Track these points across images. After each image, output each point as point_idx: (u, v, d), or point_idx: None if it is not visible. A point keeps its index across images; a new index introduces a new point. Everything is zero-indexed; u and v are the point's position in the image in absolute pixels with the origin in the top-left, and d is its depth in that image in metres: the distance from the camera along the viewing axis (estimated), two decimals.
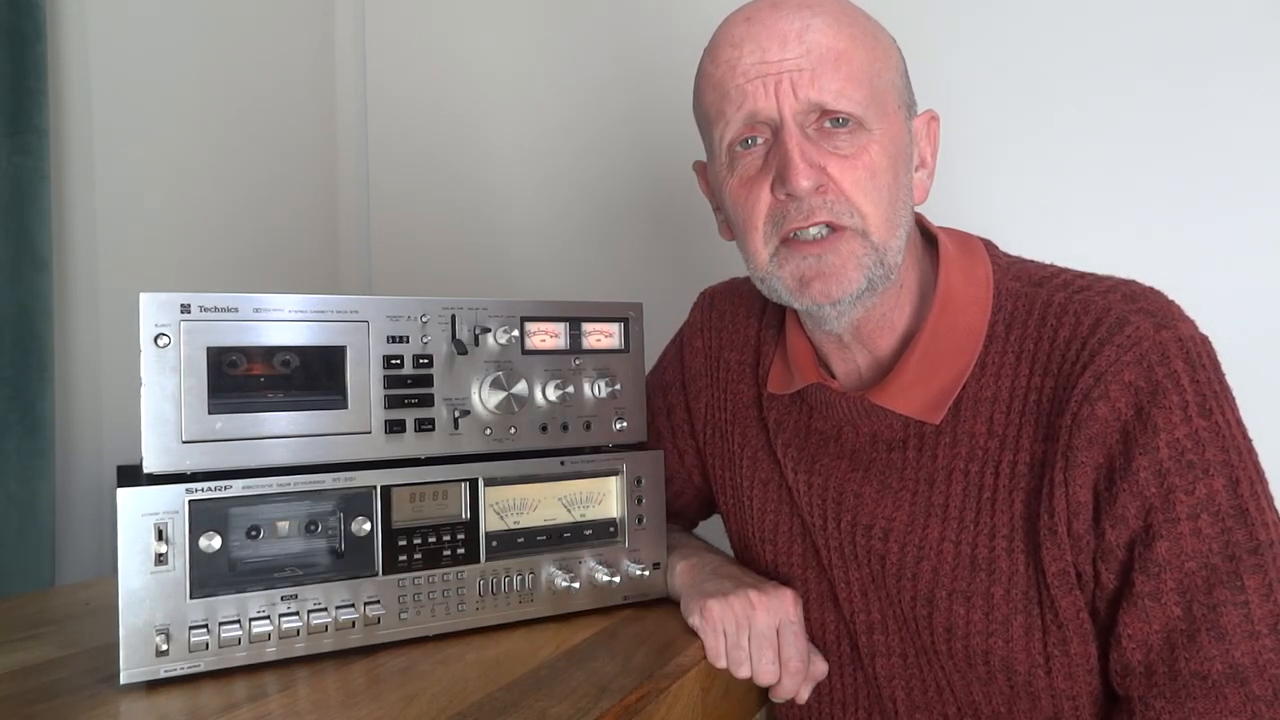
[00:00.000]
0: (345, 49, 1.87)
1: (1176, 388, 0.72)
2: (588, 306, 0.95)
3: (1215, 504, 0.70)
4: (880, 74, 0.80)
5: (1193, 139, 1.19)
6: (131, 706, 0.71)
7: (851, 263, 0.79)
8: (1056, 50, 1.27)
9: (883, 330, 0.86)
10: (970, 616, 0.80)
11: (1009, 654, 0.78)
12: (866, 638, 0.88)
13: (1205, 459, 0.71)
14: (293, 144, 1.76)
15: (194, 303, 0.77)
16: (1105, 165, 1.24)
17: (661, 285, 1.58)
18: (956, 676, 0.83)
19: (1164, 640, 0.71)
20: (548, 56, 1.72)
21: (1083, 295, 0.79)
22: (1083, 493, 0.74)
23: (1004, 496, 0.79)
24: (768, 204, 0.80)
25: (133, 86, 1.43)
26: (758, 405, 0.98)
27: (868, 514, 0.86)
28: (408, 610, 0.84)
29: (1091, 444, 0.74)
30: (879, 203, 0.79)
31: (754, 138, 0.81)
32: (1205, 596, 0.70)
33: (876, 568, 0.85)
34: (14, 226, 1.19)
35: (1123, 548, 0.73)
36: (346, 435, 0.83)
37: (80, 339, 1.34)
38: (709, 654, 0.85)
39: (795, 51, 0.77)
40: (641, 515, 0.96)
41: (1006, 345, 0.81)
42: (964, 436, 0.81)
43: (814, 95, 0.77)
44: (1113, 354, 0.73)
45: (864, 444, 0.87)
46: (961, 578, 0.80)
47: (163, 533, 0.74)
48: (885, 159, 0.79)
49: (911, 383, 0.82)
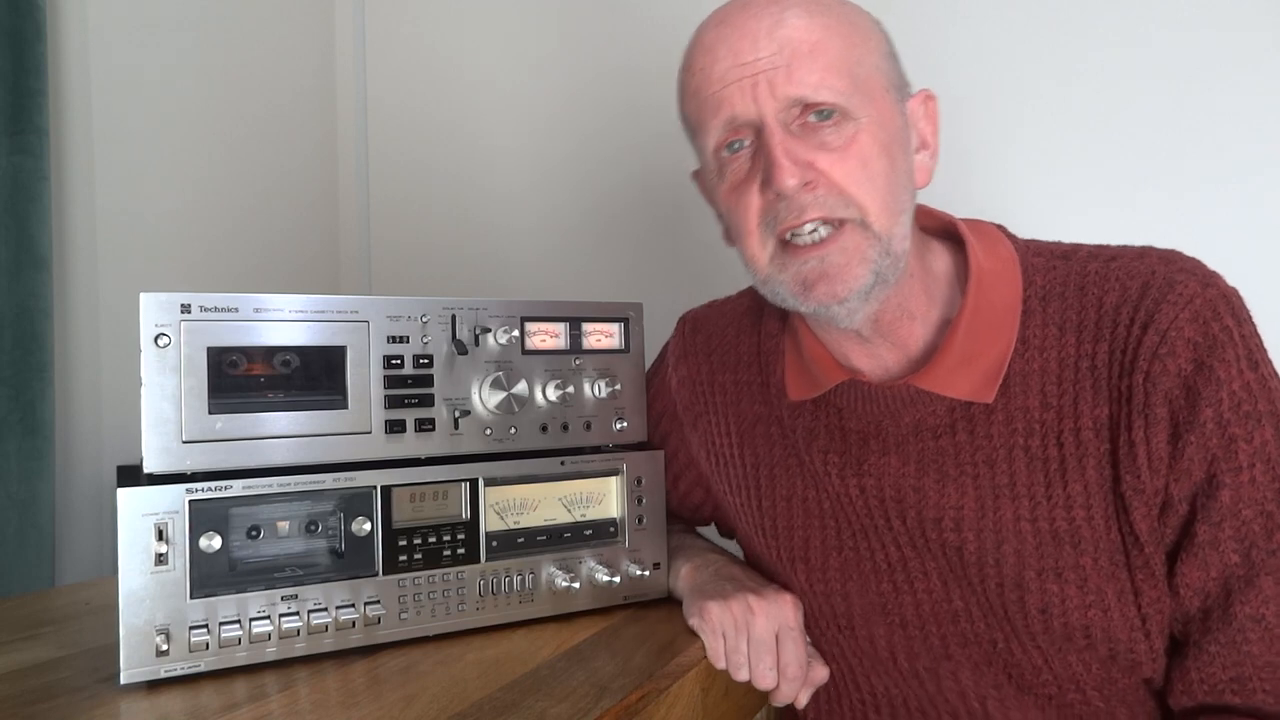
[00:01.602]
0: (345, 49, 1.87)
1: (1230, 342, 0.74)
2: (588, 306, 0.95)
3: (1267, 453, 0.73)
4: (861, 60, 0.78)
5: (1206, 129, 1.20)
6: (131, 706, 0.71)
7: (855, 258, 0.77)
8: (1065, 37, 1.27)
9: (902, 320, 0.84)
10: (1065, 592, 0.78)
11: (1108, 624, 0.77)
12: (953, 627, 0.84)
13: (1258, 410, 0.73)
14: (293, 143, 1.76)
15: (194, 303, 0.77)
16: (1115, 153, 1.24)
17: (662, 285, 1.58)
18: (1054, 652, 0.80)
19: (1221, 587, 0.73)
20: (545, 59, 1.72)
21: (1119, 262, 0.80)
22: (1163, 448, 0.75)
23: (1074, 465, 0.78)
24: (758, 206, 0.78)
25: (133, 86, 1.43)
26: (774, 420, 0.94)
27: (933, 507, 0.82)
28: (408, 610, 0.84)
29: (1165, 400, 0.75)
30: (875, 191, 0.76)
31: (739, 141, 0.79)
32: (1265, 542, 0.71)
33: (954, 559, 0.82)
34: (14, 226, 1.19)
35: (1184, 501, 0.74)
36: (347, 435, 0.83)
37: (80, 339, 1.34)
38: (709, 655, 0.86)
39: (768, 49, 0.76)
40: (641, 515, 0.96)
41: (1046, 318, 0.80)
42: (1018, 413, 0.80)
43: (792, 91, 0.75)
44: (1171, 312, 0.74)
45: (907, 435, 0.84)
46: (1048, 555, 0.78)
47: (163, 533, 0.74)
48: (877, 146, 0.77)
49: (958, 364, 0.81)
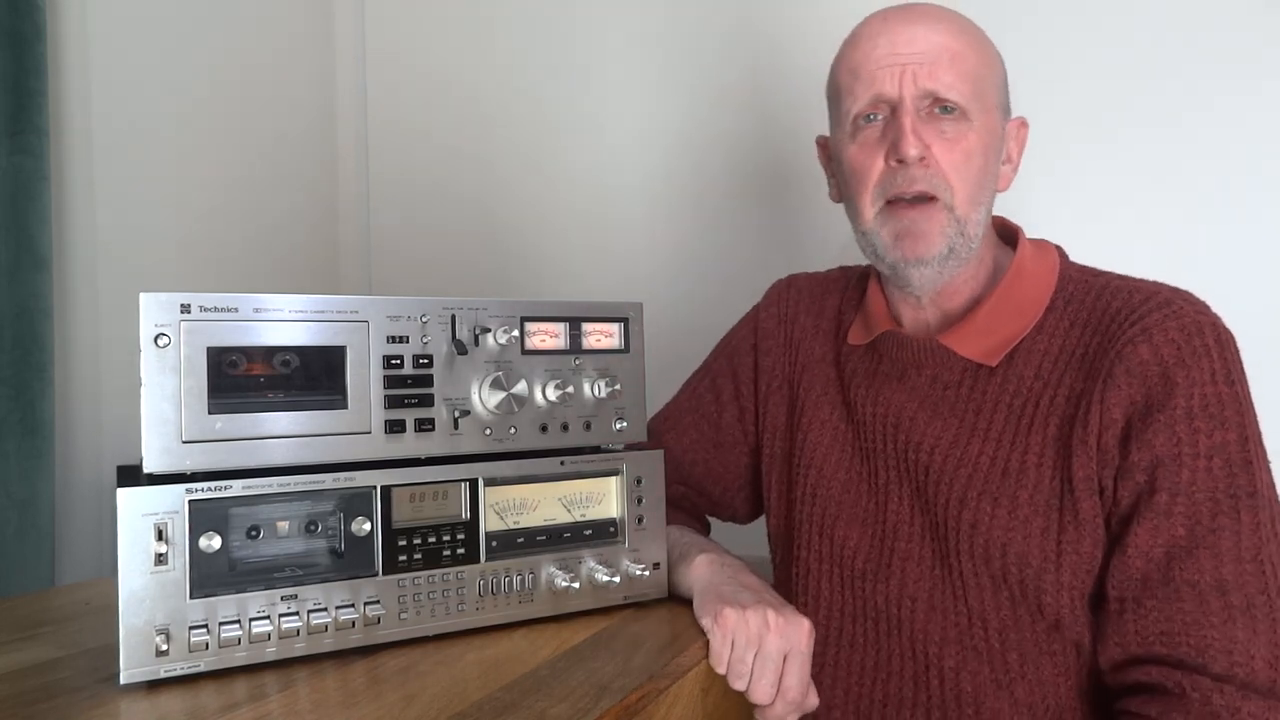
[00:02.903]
0: (345, 49, 1.87)
1: (1208, 356, 0.85)
2: (588, 306, 0.95)
3: (1228, 452, 0.83)
4: (985, 76, 0.96)
5: (1205, 139, 1.20)
6: (131, 706, 0.71)
7: (936, 230, 0.94)
8: (1072, 50, 1.27)
9: (958, 294, 1.00)
10: (995, 513, 0.91)
11: (1025, 549, 0.89)
12: (905, 544, 0.98)
13: (1225, 415, 0.84)
14: (293, 144, 1.76)
15: (194, 303, 0.77)
16: (1119, 163, 1.24)
17: (662, 285, 1.58)
18: (972, 581, 0.93)
19: (1165, 554, 0.83)
20: (546, 56, 1.72)
21: (1136, 284, 0.94)
22: (1116, 411, 0.86)
23: (1040, 422, 0.92)
24: (880, 171, 0.95)
25: (133, 86, 1.43)
26: (834, 362, 1.11)
27: (919, 433, 0.98)
28: (408, 610, 0.84)
29: (1130, 375, 0.86)
30: (967, 181, 0.94)
31: (875, 114, 0.96)
32: (1209, 521, 0.82)
33: (921, 478, 0.97)
34: (14, 226, 1.19)
35: (1143, 470, 0.85)
36: (346, 435, 0.83)
37: (80, 339, 1.34)
38: (712, 658, 0.85)
39: (921, 48, 0.94)
40: (641, 515, 0.96)
41: (1063, 315, 0.95)
42: (1013, 379, 0.95)
43: (929, 84, 0.93)
44: (1159, 318, 0.87)
45: (924, 383, 1.00)
46: (993, 482, 0.92)
47: (163, 533, 0.74)
48: (980, 147, 0.94)
49: (977, 331, 0.97)
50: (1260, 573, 0.81)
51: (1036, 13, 1.29)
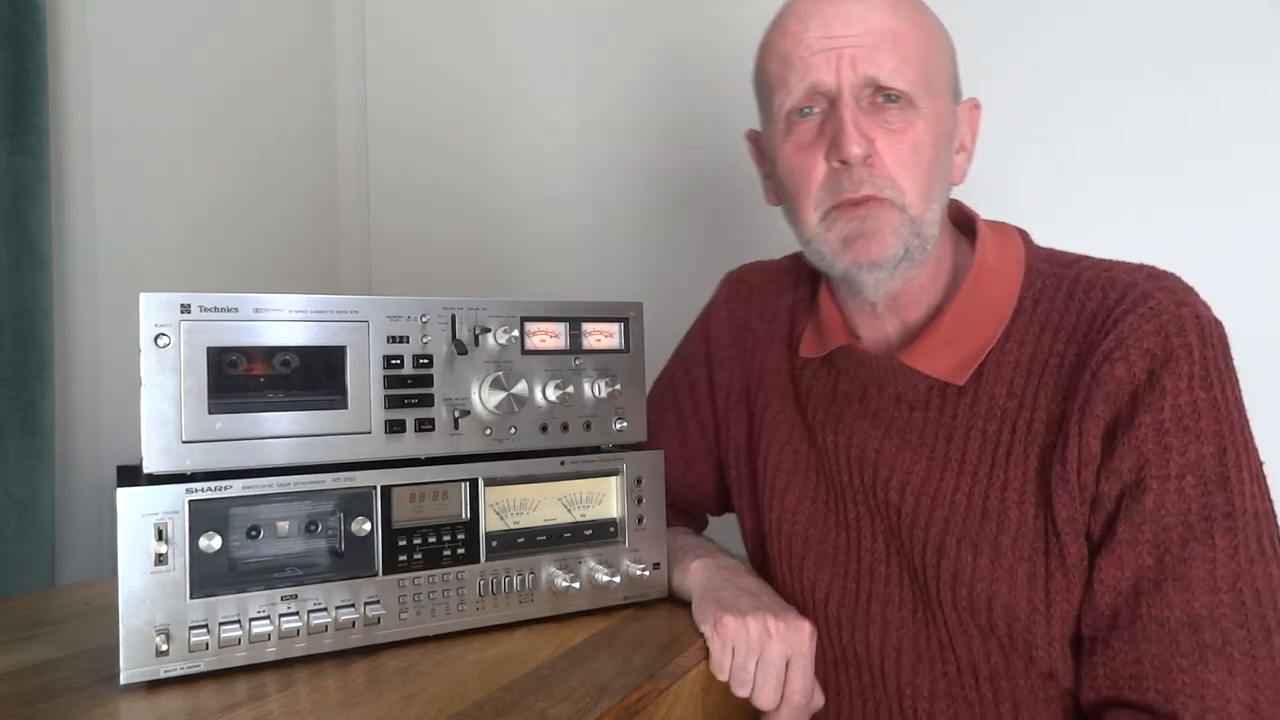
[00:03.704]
0: (345, 49, 1.87)
1: (1188, 358, 0.76)
2: (588, 306, 0.95)
3: (1202, 468, 0.75)
4: (932, 57, 0.86)
5: (1211, 139, 1.20)
6: (131, 706, 0.71)
7: (888, 230, 0.84)
8: (1077, 50, 1.27)
9: (917, 303, 0.91)
10: (977, 563, 0.83)
11: (1011, 600, 0.81)
12: (883, 587, 0.90)
13: (1200, 426, 0.75)
14: (293, 144, 1.76)
15: (194, 303, 0.77)
16: (1124, 163, 1.24)
17: (662, 285, 1.58)
18: (958, 630, 0.85)
19: (1132, 587, 0.76)
20: (546, 56, 1.72)
21: (1109, 273, 0.84)
22: (1094, 444, 0.79)
23: (1019, 451, 0.83)
24: (822, 172, 0.85)
25: (133, 86, 1.43)
26: (788, 374, 1.02)
27: (886, 468, 0.89)
28: (408, 610, 0.84)
29: (1106, 400, 0.78)
30: (918, 178, 0.84)
31: (811, 107, 0.86)
32: (1179, 550, 0.74)
33: (894, 519, 0.89)
34: (14, 226, 1.19)
35: (1112, 499, 0.78)
36: (346, 435, 0.83)
37: (80, 339, 1.34)
38: (713, 666, 0.85)
39: (857, 29, 0.83)
40: (641, 515, 0.95)
41: (1033, 318, 0.86)
42: (984, 397, 0.86)
43: (870, 71, 0.83)
44: (1135, 322, 0.78)
45: (887, 404, 0.91)
46: (971, 526, 0.84)
47: (163, 533, 0.74)
48: (929, 137, 0.85)
49: (940, 345, 0.87)
50: (1239, 604, 0.72)
51: (1041, 12, 1.28)
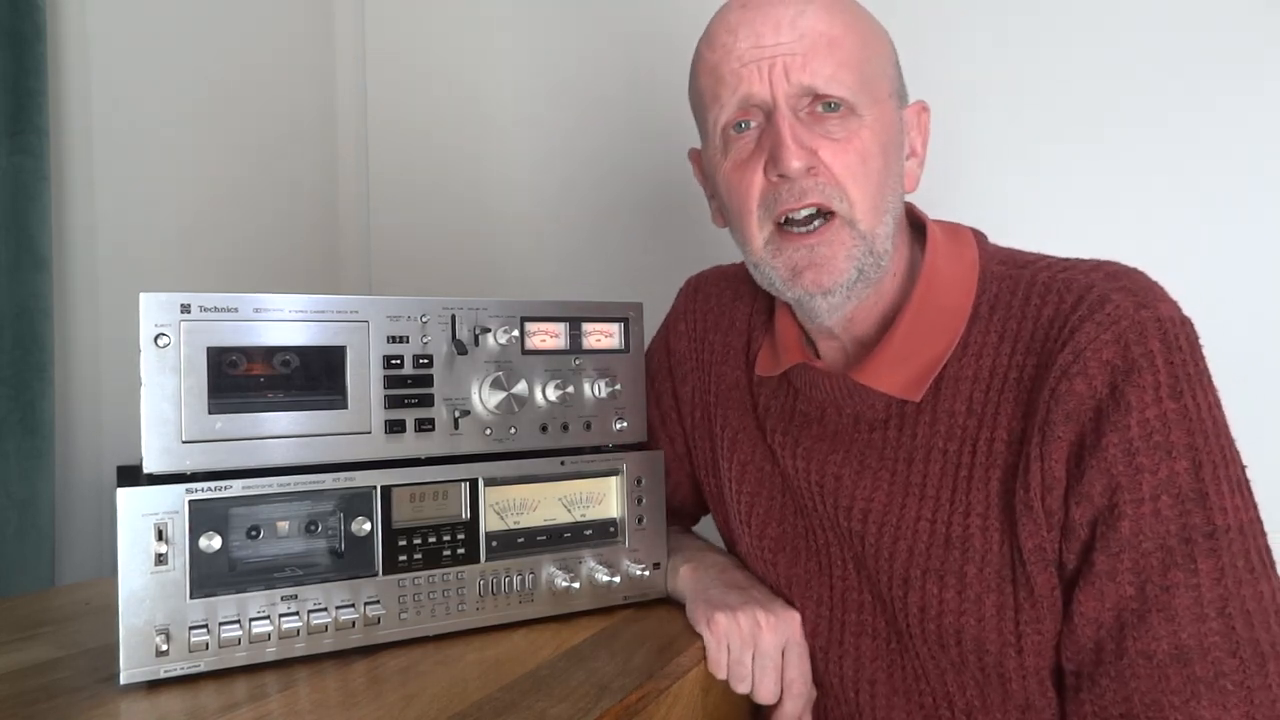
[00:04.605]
0: (345, 48, 1.87)
1: (1151, 367, 0.71)
2: (588, 306, 0.95)
3: (1177, 486, 0.70)
4: (871, 61, 0.81)
5: (1207, 139, 1.20)
6: (131, 706, 0.71)
7: (840, 254, 0.80)
8: (1073, 50, 1.27)
9: (869, 317, 0.87)
10: (943, 595, 0.79)
11: (980, 633, 0.78)
12: (856, 616, 0.87)
13: (1170, 441, 0.71)
14: (293, 144, 1.76)
15: (194, 303, 0.77)
16: (1120, 164, 1.24)
17: (662, 285, 1.58)
18: (931, 663, 0.82)
19: (1115, 619, 0.72)
20: (547, 56, 1.72)
21: (1066, 274, 0.79)
22: (1057, 468, 0.74)
23: (980, 474, 0.79)
24: (761, 186, 0.81)
25: (133, 86, 1.43)
26: (746, 389, 0.99)
27: (847, 495, 0.86)
28: (408, 610, 0.84)
29: (1068, 419, 0.74)
30: (867, 188, 0.79)
31: (747, 121, 0.82)
32: (1160, 578, 0.70)
33: (858, 548, 0.86)
34: (14, 226, 1.19)
35: (1085, 526, 0.73)
36: (346, 435, 0.83)
37: (80, 339, 1.34)
38: (710, 665, 0.85)
39: (789, 36, 0.79)
40: (641, 515, 0.96)
41: (989, 325, 0.81)
42: (943, 415, 0.82)
43: (806, 79, 0.78)
44: (1092, 331, 0.73)
45: (846, 425, 0.88)
46: (936, 556, 0.80)
47: (163, 533, 0.74)
48: (876, 144, 0.80)
49: (893, 361, 0.83)
50: (1229, 630, 0.68)
51: (1038, 13, 1.28)
